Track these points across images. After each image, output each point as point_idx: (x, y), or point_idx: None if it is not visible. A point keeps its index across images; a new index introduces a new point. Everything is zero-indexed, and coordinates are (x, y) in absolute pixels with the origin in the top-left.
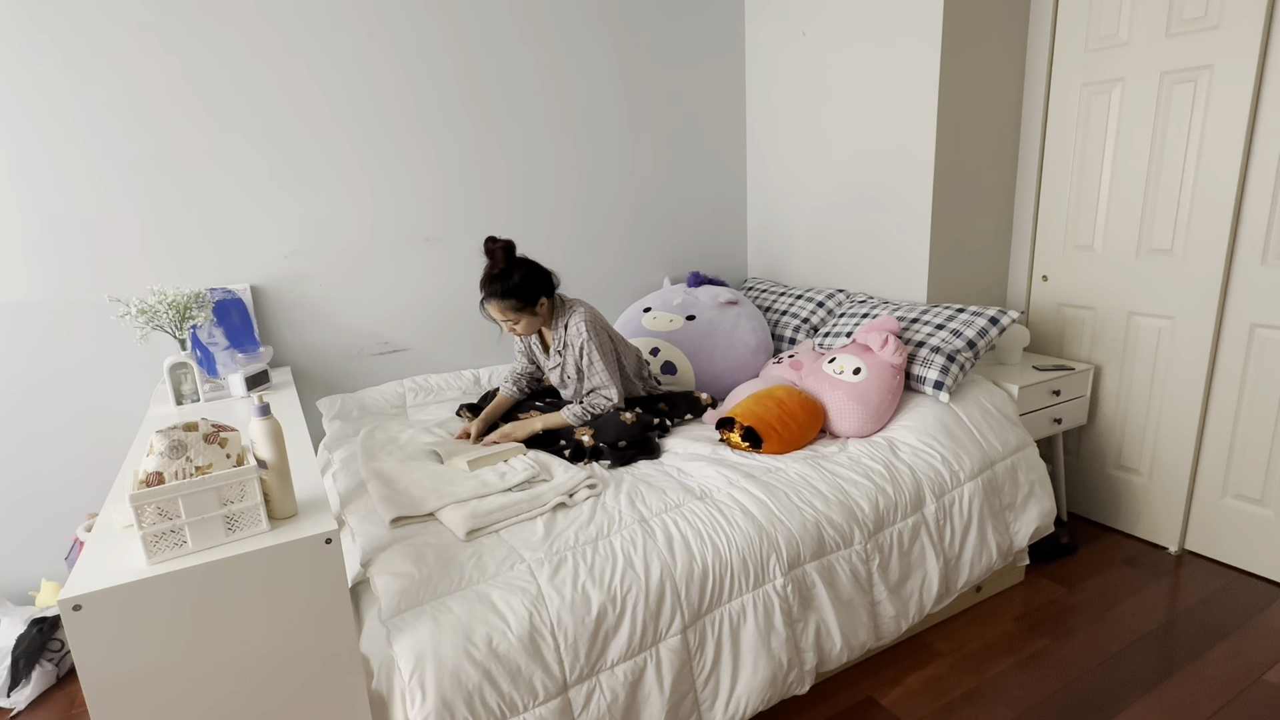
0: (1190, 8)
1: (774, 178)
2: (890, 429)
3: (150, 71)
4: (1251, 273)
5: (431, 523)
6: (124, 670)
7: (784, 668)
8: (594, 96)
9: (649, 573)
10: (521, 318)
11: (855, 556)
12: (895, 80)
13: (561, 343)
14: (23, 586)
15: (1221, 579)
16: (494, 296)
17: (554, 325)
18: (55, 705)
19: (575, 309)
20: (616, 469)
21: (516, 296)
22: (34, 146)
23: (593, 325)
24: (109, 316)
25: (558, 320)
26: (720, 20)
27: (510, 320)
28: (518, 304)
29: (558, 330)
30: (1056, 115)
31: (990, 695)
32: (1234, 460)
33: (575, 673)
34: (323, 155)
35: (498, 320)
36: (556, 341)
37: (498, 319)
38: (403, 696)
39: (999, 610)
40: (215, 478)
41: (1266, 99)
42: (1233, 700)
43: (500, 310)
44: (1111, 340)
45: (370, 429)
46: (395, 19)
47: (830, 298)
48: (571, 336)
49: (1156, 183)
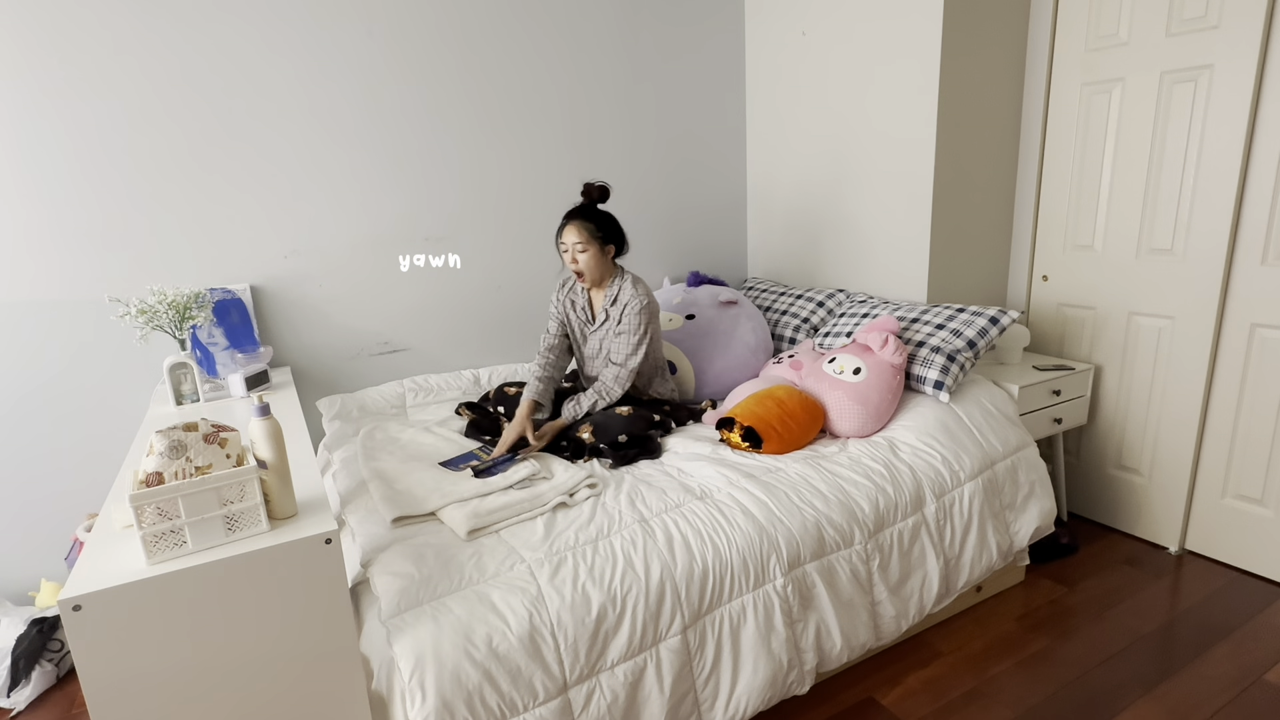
0: (1190, 7)
1: (774, 177)
2: (890, 429)
3: (151, 71)
4: (1251, 273)
5: (431, 522)
6: (124, 670)
7: (784, 668)
8: (594, 97)
9: (649, 573)
10: (591, 247)
11: (855, 556)
12: (895, 80)
13: (612, 300)
14: (23, 586)
15: (1222, 579)
16: (578, 217)
17: (608, 286)
18: (55, 705)
19: (639, 282)
20: (617, 469)
21: (597, 224)
22: (34, 146)
23: (649, 298)
24: (109, 316)
25: (614, 282)
26: (720, 20)
27: (581, 244)
28: (595, 231)
29: (611, 290)
30: (1056, 115)
31: (990, 695)
32: (1234, 460)
33: (575, 673)
34: (323, 155)
35: (570, 245)
36: (607, 300)
37: (571, 241)
38: (403, 696)
39: (999, 610)
40: (215, 478)
41: (1266, 99)
42: (1233, 700)
43: (578, 231)
44: (1111, 340)
45: (370, 429)
46: (395, 19)
47: (830, 298)
48: (626, 297)
49: (1156, 182)
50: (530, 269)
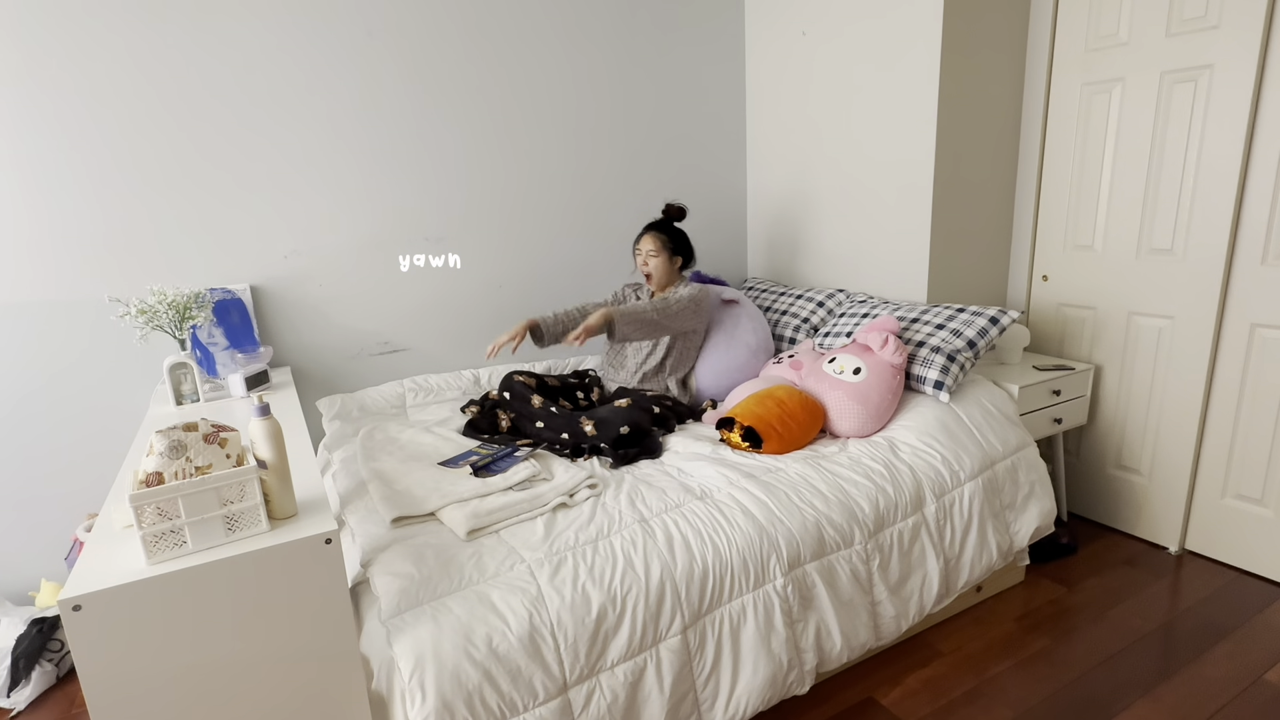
0: (1190, 7)
1: (774, 177)
2: (890, 429)
3: (151, 71)
4: (1251, 273)
5: (431, 522)
6: (124, 670)
7: (784, 668)
8: (594, 96)
9: (649, 573)
10: (662, 255)
11: (855, 556)
12: (895, 79)
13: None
14: (23, 586)
15: (1221, 579)
16: (656, 229)
17: (669, 291)
18: (55, 705)
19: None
20: (617, 469)
21: (670, 237)
22: (34, 146)
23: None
24: (109, 317)
25: (676, 287)
26: (720, 20)
27: (654, 251)
28: (667, 242)
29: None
30: (1056, 115)
31: (990, 695)
32: (1234, 460)
33: (575, 673)
34: (323, 155)
35: (644, 251)
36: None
37: (645, 249)
38: (403, 697)
39: (999, 610)
40: (215, 478)
41: (1266, 99)
42: (1233, 700)
43: (653, 240)
44: (1111, 340)
45: (370, 429)
46: (395, 18)
47: (830, 298)
48: (681, 291)
49: (1156, 183)
50: (530, 269)
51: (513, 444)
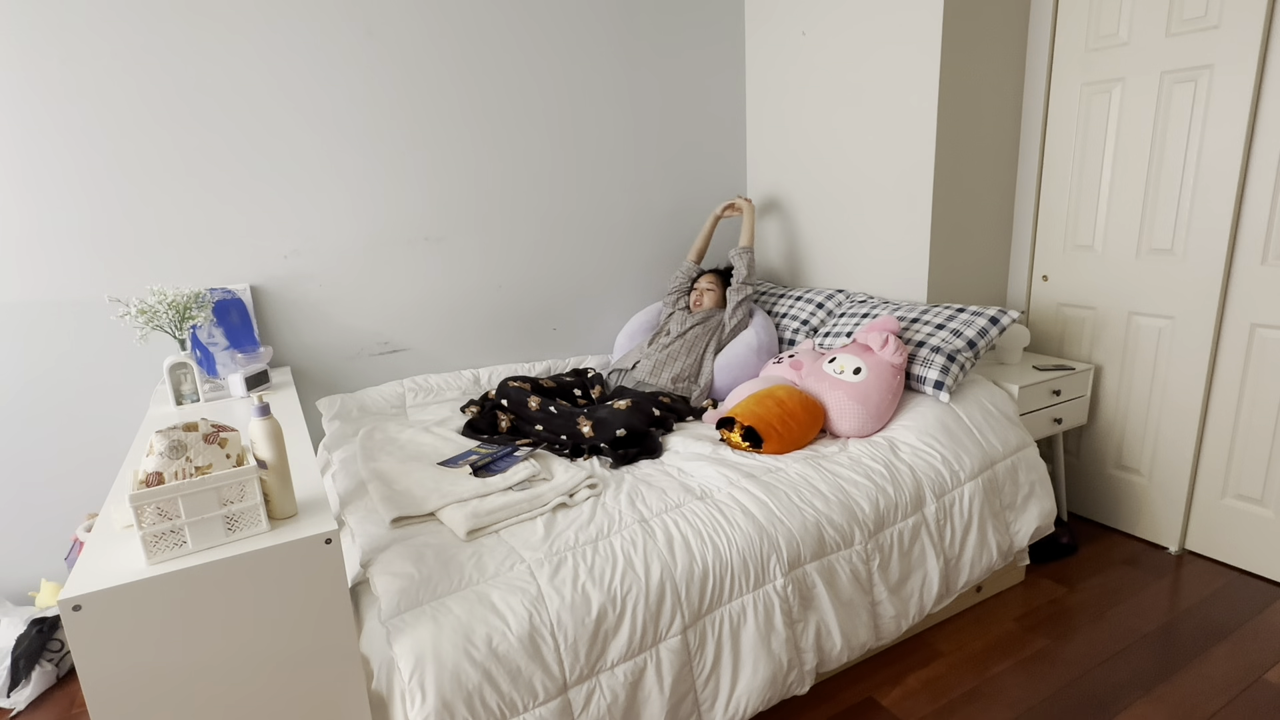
0: (1190, 7)
1: (774, 177)
2: (890, 429)
3: (151, 70)
4: (1251, 273)
5: (431, 522)
6: (124, 670)
7: (784, 668)
8: (594, 97)
9: (649, 573)
10: (715, 291)
11: (855, 556)
12: (895, 79)
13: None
14: (23, 586)
15: (1221, 579)
16: (713, 273)
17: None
18: (55, 705)
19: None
20: (617, 469)
21: (723, 279)
22: (34, 146)
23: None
24: (109, 316)
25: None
26: (720, 20)
27: (710, 288)
28: (721, 283)
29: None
30: (1056, 115)
31: (990, 695)
32: (1234, 460)
33: (575, 673)
34: (323, 155)
35: (701, 288)
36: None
37: (703, 286)
38: (403, 697)
39: (999, 610)
40: (215, 478)
41: (1266, 99)
42: (1233, 700)
43: (711, 280)
44: (1111, 340)
45: (369, 429)
46: (394, 18)
47: (830, 298)
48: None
49: (1156, 183)
50: (530, 269)
51: (512, 444)
